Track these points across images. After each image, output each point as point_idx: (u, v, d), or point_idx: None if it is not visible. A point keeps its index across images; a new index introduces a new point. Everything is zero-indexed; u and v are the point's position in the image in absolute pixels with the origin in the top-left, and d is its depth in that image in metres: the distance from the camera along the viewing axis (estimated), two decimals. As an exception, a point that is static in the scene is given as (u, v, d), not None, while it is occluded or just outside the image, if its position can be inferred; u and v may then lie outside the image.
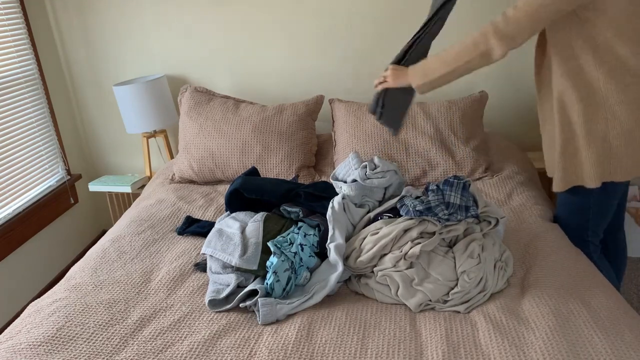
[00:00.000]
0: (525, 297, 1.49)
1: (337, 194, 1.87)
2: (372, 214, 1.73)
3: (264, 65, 2.99)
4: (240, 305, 1.57)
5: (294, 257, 1.63)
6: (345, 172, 1.85)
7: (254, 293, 1.61)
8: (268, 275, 1.57)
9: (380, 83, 1.79)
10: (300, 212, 1.79)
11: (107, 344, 1.45)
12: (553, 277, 1.56)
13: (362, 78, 2.94)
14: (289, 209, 1.83)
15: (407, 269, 1.54)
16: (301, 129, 2.55)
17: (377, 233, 1.60)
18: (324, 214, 1.81)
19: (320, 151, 2.68)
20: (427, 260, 1.55)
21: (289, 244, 1.68)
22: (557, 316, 1.38)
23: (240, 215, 1.86)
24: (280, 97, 3.05)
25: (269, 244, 1.66)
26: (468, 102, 2.47)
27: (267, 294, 1.58)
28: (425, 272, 1.54)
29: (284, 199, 1.90)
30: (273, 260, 1.59)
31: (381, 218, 1.68)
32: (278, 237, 1.72)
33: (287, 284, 1.58)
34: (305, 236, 1.69)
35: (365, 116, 2.49)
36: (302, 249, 1.65)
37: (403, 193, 1.71)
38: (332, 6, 2.82)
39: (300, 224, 1.76)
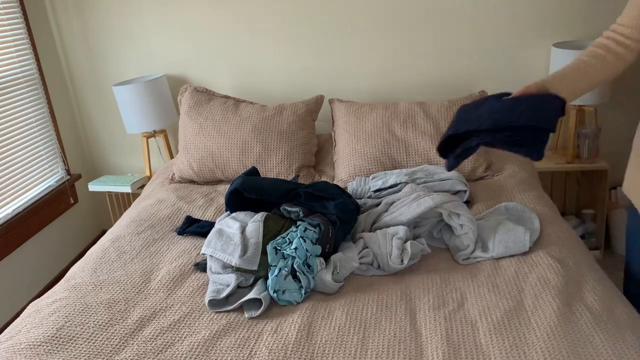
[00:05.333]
0: (526, 297, 1.49)
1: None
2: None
3: (264, 65, 2.99)
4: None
5: (295, 252, 1.63)
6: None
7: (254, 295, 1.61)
8: (274, 295, 1.58)
9: None
10: (301, 212, 1.79)
11: (107, 344, 1.45)
12: (555, 276, 1.56)
13: (362, 78, 2.94)
14: (289, 208, 1.83)
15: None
16: (301, 129, 2.55)
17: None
18: (324, 214, 1.81)
19: (320, 151, 2.68)
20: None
21: (289, 244, 1.68)
22: (558, 316, 1.38)
23: (240, 215, 1.86)
24: (280, 97, 3.05)
25: (268, 248, 1.67)
26: (468, 102, 2.46)
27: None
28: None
29: (284, 199, 1.90)
30: (270, 282, 1.59)
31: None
32: (278, 238, 1.72)
33: (302, 289, 1.59)
34: (305, 230, 1.69)
35: (365, 116, 2.48)
36: (305, 241, 1.65)
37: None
38: (332, 6, 2.82)
39: (299, 223, 1.76)
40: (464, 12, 2.75)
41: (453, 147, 1.39)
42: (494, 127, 1.28)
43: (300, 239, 1.66)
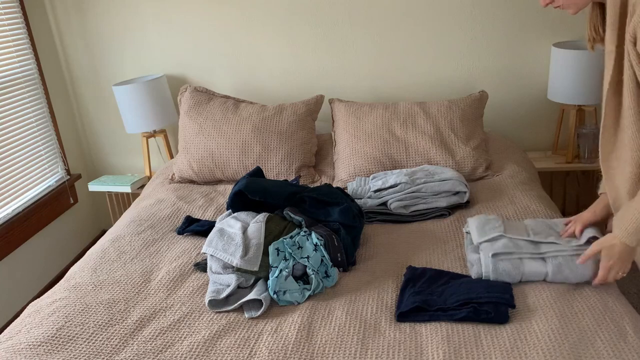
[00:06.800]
0: (528, 298, 1.49)
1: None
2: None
3: (264, 65, 2.99)
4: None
5: (308, 261, 1.64)
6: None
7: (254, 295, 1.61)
8: (274, 296, 1.58)
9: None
10: (303, 222, 1.79)
11: (107, 344, 1.45)
12: (554, 277, 1.56)
13: (362, 78, 2.94)
14: (292, 215, 1.83)
15: None
16: (301, 128, 2.55)
17: None
18: (327, 222, 1.81)
19: (320, 151, 2.68)
20: None
21: (298, 248, 1.68)
22: (560, 317, 1.38)
23: (242, 215, 1.86)
24: (280, 97, 3.04)
25: (270, 249, 1.67)
26: (468, 102, 2.46)
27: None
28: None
29: (288, 202, 1.90)
30: (270, 283, 1.59)
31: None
32: (286, 237, 1.72)
33: (306, 291, 1.60)
34: (316, 246, 1.70)
35: (365, 116, 2.48)
36: (316, 250, 1.67)
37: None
38: (332, 6, 2.82)
39: (305, 229, 1.77)
40: (464, 12, 2.74)
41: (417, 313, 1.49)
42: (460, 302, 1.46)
43: (315, 250, 1.67)
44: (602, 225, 1.68)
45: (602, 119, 1.41)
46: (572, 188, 3.00)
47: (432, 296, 1.50)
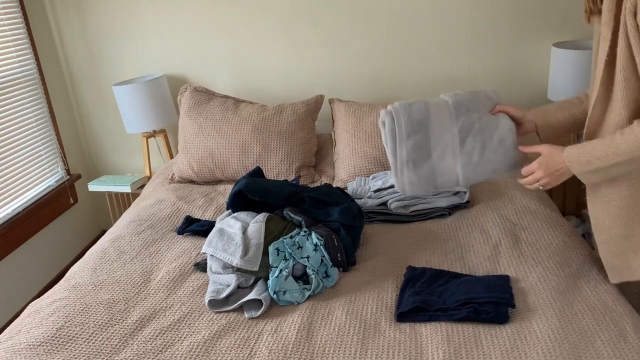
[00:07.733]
0: (528, 298, 1.49)
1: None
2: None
3: (264, 65, 2.99)
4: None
5: (308, 261, 1.64)
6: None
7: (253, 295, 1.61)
8: (274, 296, 1.58)
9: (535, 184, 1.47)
10: (303, 222, 1.79)
11: (106, 344, 1.45)
12: (556, 277, 1.56)
13: (362, 78, 2.93)
14: (292, 215, 1.83)
15: None
16: (301, 128, 2.55)
17: None
18: (327, 222, 1.81)
19: (320, 151, 2.68)
20: None
21: (298, 248, 1.68)
22: (560, 317, 1.38)
23: (242, 215, 1.86)
24: (280, 97, 3.04)
25: (270, 249, 1.67)
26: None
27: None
28: None
29: (288, 202, 1.90)
30: (270, 283, 1.59)
31: None
32: (286, 237, 1.72)
33: (306, 291, 1.60)
34: (316, 246, 1.69)
35: (365, 116, 2.48)
36: (316, 250, 1.67)
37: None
38: (332, 6, 2.82)
39: (305, 229, 1.77)
40: (464, 12, 2.74)
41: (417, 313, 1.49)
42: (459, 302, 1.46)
43: (314, 250, 1.67)
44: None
45: (594, 93, 1.36)
46: (572, 188, 2.99)
47: (432, 296, 1.50)
